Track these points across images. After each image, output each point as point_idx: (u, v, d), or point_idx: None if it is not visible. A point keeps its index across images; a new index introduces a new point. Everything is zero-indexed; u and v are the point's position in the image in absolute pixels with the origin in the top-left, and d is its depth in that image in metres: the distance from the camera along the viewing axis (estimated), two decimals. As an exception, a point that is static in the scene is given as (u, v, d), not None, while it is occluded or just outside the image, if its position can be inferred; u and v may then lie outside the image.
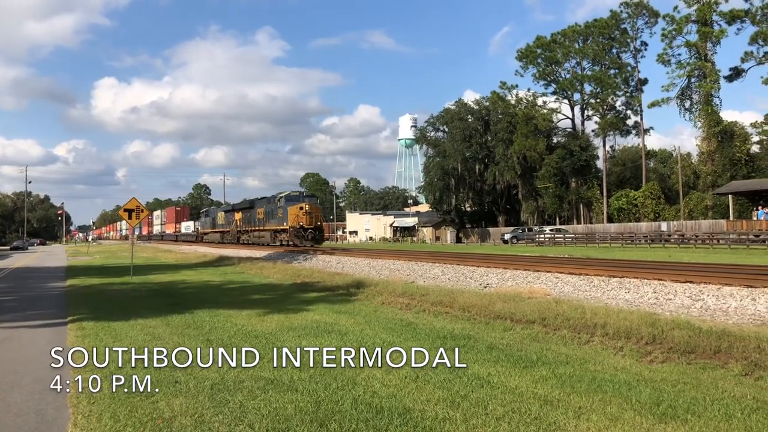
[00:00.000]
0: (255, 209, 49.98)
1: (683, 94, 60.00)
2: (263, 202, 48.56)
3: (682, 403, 6.15)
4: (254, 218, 49.81)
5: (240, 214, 54.62)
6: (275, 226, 44.17)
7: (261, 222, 47.99)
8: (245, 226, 52.30)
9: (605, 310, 11.48)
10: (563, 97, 69.82)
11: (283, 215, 42.26)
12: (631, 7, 63.92)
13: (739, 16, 55.76)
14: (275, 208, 44.43)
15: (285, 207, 42.34)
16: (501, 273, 19.45)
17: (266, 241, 45.92)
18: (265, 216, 46.90)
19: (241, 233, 53.46)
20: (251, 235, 50.58)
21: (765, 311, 11.68)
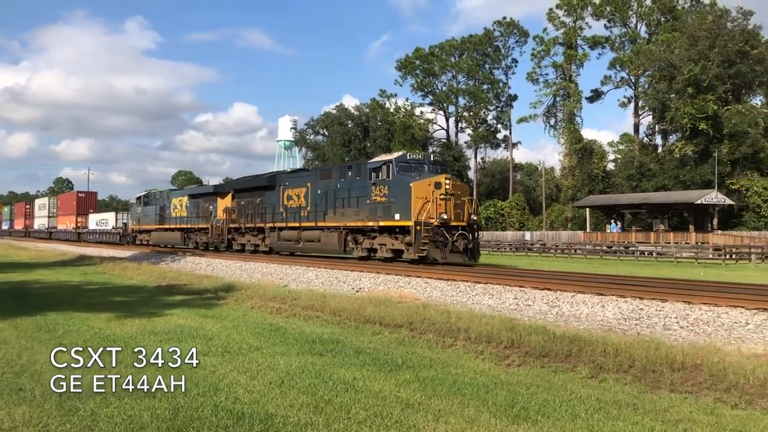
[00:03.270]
0: (280, 189, 28.81)
1: (549, 111, 63.70)
2: (309, 176, 27.99)
3: (534, 404, 6.48)
4: (276, 205, 28.84)
5: (231, 201, 33.22)
6: (362, 219, 23.33)
7: (298, 213, 27.04)
8: (248, 219, 31.28)
9: (469, 315, 11.91)
10: (439, 108, 72.02)
11: (396, 199, 21.73)
12: (504, 26, 67.08)
13: (600, 42, 59.96)
14: (362, 184, 23.45)
15: (398, 181, 21.90)
16: (374, 277, 19.68)
17: (333, 247, 25.02)
18: (321, 200, 25.59)
19: (238, 232, 32.34)
20: (274, 236, 29.02)
21: (612, 317, 12.57)
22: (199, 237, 36.34)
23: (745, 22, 45.37)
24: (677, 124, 49.12)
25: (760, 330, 10.62)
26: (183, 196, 39.29)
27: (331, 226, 25.12)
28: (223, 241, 33.29)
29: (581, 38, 60.63)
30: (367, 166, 23.86)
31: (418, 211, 20.97)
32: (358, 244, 24.18)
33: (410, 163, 22.82)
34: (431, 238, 20.78)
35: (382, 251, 23.10)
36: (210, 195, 35.61)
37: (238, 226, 32.23)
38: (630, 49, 56.18)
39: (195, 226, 36.69)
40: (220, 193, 34.68)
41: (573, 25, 60.23)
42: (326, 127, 76.92)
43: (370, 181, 23.15)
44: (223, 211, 33.52)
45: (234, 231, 32.71)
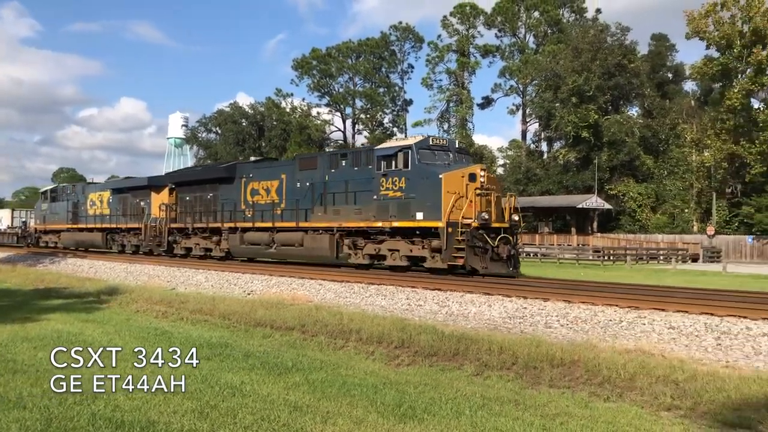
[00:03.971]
0: (240, 182, 24.33)
1: (443, 116, 65.20)
2: (283, 167, 23.99)
3: (421, 403, 6.60)
4: (236, 202, 24.36)
5: (169, 196, 28.15)
6: (366, 218, 19.26)
7: (270, 211, 22.73)
8: (197, 218, 26.41)
9: (361, 316, 11.99)
10: (336, 109, 72.10)
11: (419, 194, 17.85)
12: (399, 31, 68.12)
13: (491, 51, 62.05)
14: (366, 175, 19.44)
15: (422, 171, 17.94)
16: (267, 280, 19.41)
17: (321, 252, 20.92)
18: (303, 195, 21.44)
19: (183, 233, 27.30)
20: (235, 238, 24.18)
21: (498, 316, 13.03)
22: (128, 239, 31.11)
23: (623, 38, 48.36)
24: (561, 132, 51.65)
25: (632, 327, 11.33)
26: (104, 190, 33.65)
27: (318, 227, 20.82)
28: (160, 243, 28.22)
29: (474, 46, 62.52)
30: (374, 152, 19.51)
31: (450, 210, 17.00)
32: (358, 249, 19.93)
33: (433, 149, 18.70)
34: (469, 243, 16.90)
35: (394, 258, 18.95)
36: (142, 189, 30.03)
37: (184, 226, 27.03)
38: (519, 59, 58.52)
39: (122, 225, 31.24)
40: (155, 186, 29.33)
41: (466, 33, 62.02)
42: (219, 125, 75.20)
43: (379, 172, 18.90)
44: (159, 208, 28.32)
45: (177, 232, 27.58)
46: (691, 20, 39.09)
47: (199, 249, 26.77)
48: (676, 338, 10.59)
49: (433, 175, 17.68)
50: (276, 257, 23.99)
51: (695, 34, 39.54)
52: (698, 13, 38.84)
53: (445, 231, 17.03)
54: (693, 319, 11.33)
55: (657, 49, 52.24)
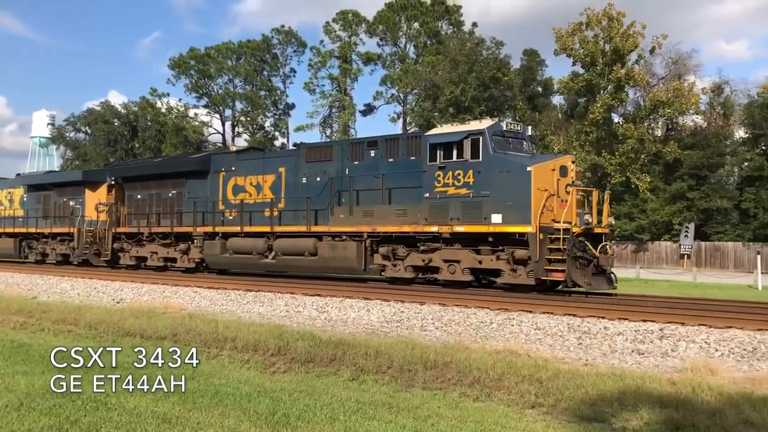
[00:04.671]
0: (218, 177, 20.70)
1: (325, 122, 65.18)
2: (282, 158, 20.39)
3: (295, 410, 6.55)
4: (213, 201, 20.59)
5: (108, 194, 24.36)
6: (413, 221, 15.98)
7: (261, 212, 19.18)
8: (153, 221, 22.48)
9: (237, 324, 11.75)
10: (215, 111, 70.27)
11: (496, 191, 14.73)
12: (282, 35, 67.48)
13: (373, 59, 62.83)
14: (412, 167, 16.25)
15: (501, 163, 14.80)
16: (138, 287, 18.63)
17: (344, 264, 17.36)
18: (317, 193, 17.83)
19: (134, 240, 23.22)
20: (214, 246, 20.32)
21: (376, 321, 13.20)
22: (52, 246, 26.24)
23: (497, 52, 50.49)
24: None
25: (502, 328, 11.84)
26: (16, 187, 28.14)
27: (341, 231, 17.20)
28: (100, 252, 23.79)
29: (356, 53, 63.07)
30: (424, 140, 16.02)
31: (541, 211, 14.04)
32: (398, 260, 16.43)
33: (507, 136, 15.60)
34: (571, 254, 13.80)
35: (452, 271, 15.50)
36: (72, 185, 25.61)
37: (136, 230, 22.72)
38: (399, 68, 59.66)
39: (43, 230, 26.19)
40: (91, 183, 24.91)
41: (348, 40, 62.48)
42: (89, 124, 71.20)
43: (433, 164, 15.62)
44: (97, 208, 24.23)
45: (125, 238, 23.40)
46: (559, 38, 41.42)
47: (156, 259, 22.64)
48: (542, 338, 11.17)
49: (518, 167, 14.52)
50: (274, 269, 19.91)
51: (563, 51, 41.90)
52: (565, 32, 41.21)
53: (536, 238, 13.87)
54: (557, 320, 12.01)
55: (528, 63, 55.00)
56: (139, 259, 23.32)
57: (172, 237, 21.92)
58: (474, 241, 15.22)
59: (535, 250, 13.91)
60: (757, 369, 8.87)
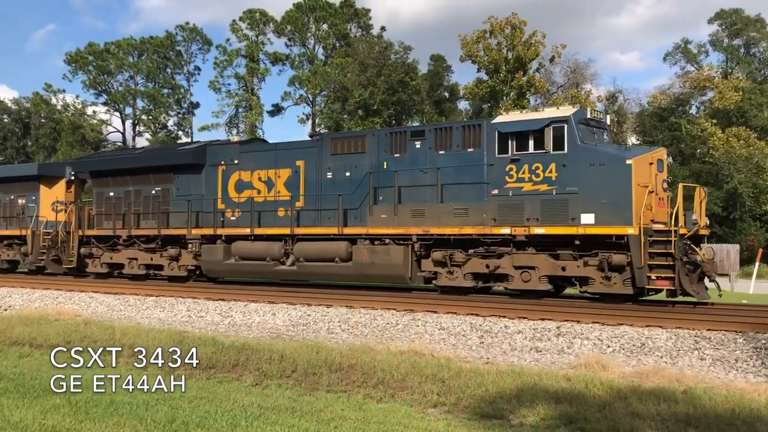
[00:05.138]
0: (217, 171, 18.29)
1: (231, 122, 63.90)
2: (300, 150, 17.29)
3: (195, 417, 6.37)
4: (210, 199, 18.14)
5: (67, 191, 22.18)
6: (477, 222, 14.06)
7: (274, 212, 17.10)
8: (132, 222, 19.51)
9: (136, 330, 11.34)
10: (115, 109, 67.49)
11: (586, 187, 12.93)
12: (186, 32, 65.65)
13: (281, 59, 62.19)
14: (472, 158, 14.38)
15: (593, 155, 13.00)
16: (28, 293, 17.71)
17: (386, 272, 15.16)
18: (349, 189, 15.85)
19: (107, 245, 19.98)
20: (214, 251, 17.55)
21: (282, 324, 13.06)
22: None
23: (405, 56, 51.14)
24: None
25: (407, 329, 11.99)
26: None
27: (384, 234, 15.12)
28: (59, 259, 20.64)
29: (263, 53, 62.23)
30: (490, 127, 14.09)
31: (642, 210, 12.37)
32: (456, 266, 14.38)
33: (591, 125, 13.93)
34: (680, 258, 12.09)
35: (526, 279, 13.54)
36: (24, 181, 22.47)
37: (111, 233, 19.58)
38: (308, 69, 59.36)
39: None
40: (47, 177, 22.03)
41: (256, 40, 61.58)
42: (-25, 120, 66.78)
43: (504, 156, 13.75)
44: (54, 208, 21.51)
45: (95, 242, 20.11)
46: (465, 44, 42.43)
47: (136, 266, 19.37)
48: (446, 338, 11.40)
49: (616, 160, 12.89)
50: (294, 278, 17.00)
51: (468, 57, 42.94)
52: (471, 39, 42.26)
53: (639, 241, 12.18)
54: (461, 320, 12.28)
55: (435, 68, 55.96)
56: (113, 266, 20.00)
57: (158, 241, 18.75)
58: (554, 244, 13.34)
59: (638, 255, 12.17)
60: (644, 363, 9.39)
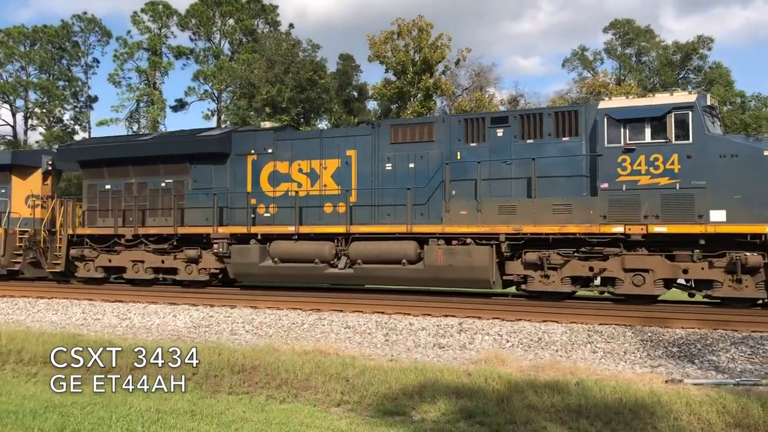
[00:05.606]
0: (245, 161, 16.31)
1: (132, 116, 61.53)
2: (352, 137, 15.73)
3: (87, 425, 6.12)
4: (237, 194, 16.23)
5: (39, 182, 19.83)
6: (581, 220, 12.66)
7: (320, 208, 15.53)
8: (137, 219, 17.14)
9: (25, 334, 10.72)
10: (4, 101, 63.54)
11: (716, 180, 11.88)
12: (84, 22, 62.68)
13: (185, 53, 60.38)
14: (568, 148, 13.30)
15: (725, 145, 12.15)
16: None
17: (468, 275, 13.56)
18: (420, 182, 14.46)
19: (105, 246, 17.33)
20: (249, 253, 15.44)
21: (183, 326, 12.72)
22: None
23: (314, 54, 50.91)
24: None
25: (313, 329, 11.96)
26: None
27: (466, 233, 13.50)
28: (37, 261, 18.45)
29: (166, 46, 60.26)
30: (602, 112, 12.71)
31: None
32: (552, 269, 12.95)
33: (712, 113, 12.96)
34: None
35: (642, 282, 12.33)
36: None
37: (112, 232, 16.98)
38: (214, 64, 58.00)
39: None
40: (20, 167, 19.34)
41: (158, 32, 59.57)
42: None
43: (614, 146, 12.47)
44: (28, 202, 18.91)
45: (88, 242, 17.42)
46: (373, 45, 42.71)
47: (142, 270, 16.84)
48: (351, 337, 11.45)
49: (751, 151, 11.97)
50: (348, 282, 15.22)
51: (376, 57, 43.24)
52: (378, 39, 42.57)
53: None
54: (367, 318, 12.36)
55: (344, 68, 56.02)
56: (111, 270, 17.68)
57: (174, 240, 16.39)
58: (672, 244, 12.25)
59: None
60: (540, 357, 9.77)
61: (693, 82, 48.49)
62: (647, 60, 50.96)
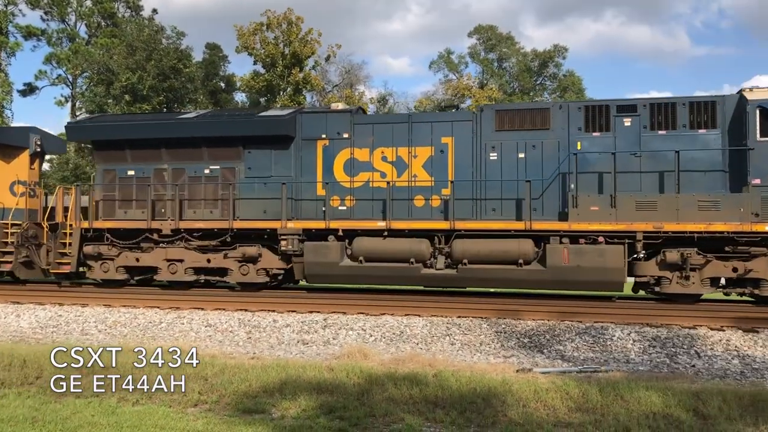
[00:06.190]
0: (314, 147, 14.57)
1: (-29, 99, 56.45)
2: (448, 122, 14.36)
3: None
4: (304, 184, 14.56)
5: (26, 165, 16.20)
6: (745, 218, 11.88)
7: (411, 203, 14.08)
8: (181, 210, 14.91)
9: None
10: None
11: None
12: None
13: (35, 34, 56.13)
14: (711, 141, 12.73)
15: None
16: None
17: (599, 277, 12.66)
18: (537, 174, 13.42)
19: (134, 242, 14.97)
20: (327, 252, 13.79)
21: (27, 327, 11.88)
22: None
23: (178, 42, 49.02)
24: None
25: (171, 327, 11.57)
26: None
27: (595, 230, 12.49)
28: (30, 261, 15.50)
29: (14, 25, 55.70)
30: (753, 104, 12.10)
31: None
32: (694, 270, 12.29)
33: None
34: None
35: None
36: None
37: (144, 225, 14.69)
38: (68, 48, 54.38)
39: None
40: (4, 147, 16.24)
41: (4, 10, 54.95)
42: None
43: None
44: (15, 191, 16.12)
45: (110, 237, 14.91)
46: (241, 36, 41.78)
47: (181, 270, 14.67)
48: (213, 335, 11.17)
49: None
50: (448, 284, 13.86)
51: (244, 49, 42.37)
52: (247, 30, 41.71)
53: None
54: (229, 315, 12.11)
55: (211, 57, 54.36)
56: (136, 270, 15.39)
57: (228, 236, 14.35)
58: None
59: None
60: (402, 350, 10.01)
61: (549, 88, 51.65)
62: (507, 65, 53.56)
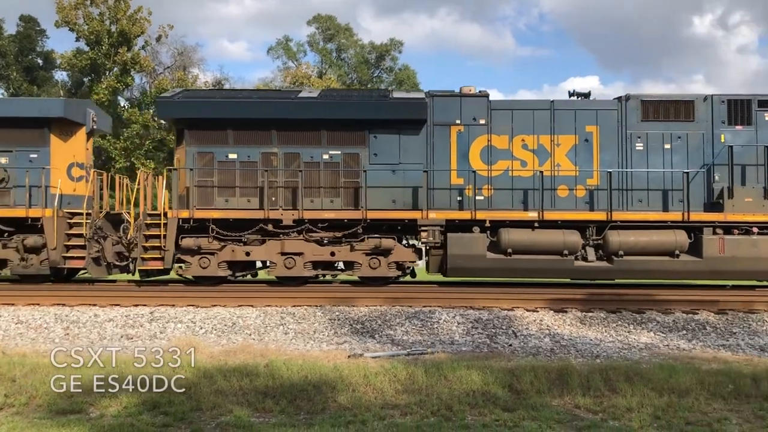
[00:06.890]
0: (449, 132, 13.50)
1: None
2: (597, 110, 13.80)
3: None
4: (438, 172, 13.34)
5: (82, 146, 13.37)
6: None
7: (555, 193, 13.51)
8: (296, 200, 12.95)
9: None
10: None
11: None
12: None
13: None
14: None
15: None
16: None
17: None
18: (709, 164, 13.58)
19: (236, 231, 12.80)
20: (474, 243, 12.85)
21: None
22: None
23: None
24: None
25: None
26: None
27: (751, 222, 13.06)
28: (101, 257, 13.47)
29: None
30: None
31: None
32: None
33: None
34: None
35: None
36: (20, 126, 13.65)
37: (261, 215, 13.34)
38: None
39: None
40: (63, 123, 13.95)
41: None
42: None
43: None
44: (73, 174, 14.06)
45: (217, 229, 13.31)
46: (61, 9, 38.49)
47: (300, 264, 13.35)
48: (24, 332, 10.36)
49: None
50: (601, 276, 13.69)
51: (65, 23, 39.14)
52: (68, 4, 38.55)
53: None
54: (44, 311, 11.26)
55: (26, 31, 49.73)
56: (240, 265, 13.82)
57: (360, 227, 13.26)
58: None
59: None
60: (233, 342, 9.85)
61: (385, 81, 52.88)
62: (346, 57, 54.11)
